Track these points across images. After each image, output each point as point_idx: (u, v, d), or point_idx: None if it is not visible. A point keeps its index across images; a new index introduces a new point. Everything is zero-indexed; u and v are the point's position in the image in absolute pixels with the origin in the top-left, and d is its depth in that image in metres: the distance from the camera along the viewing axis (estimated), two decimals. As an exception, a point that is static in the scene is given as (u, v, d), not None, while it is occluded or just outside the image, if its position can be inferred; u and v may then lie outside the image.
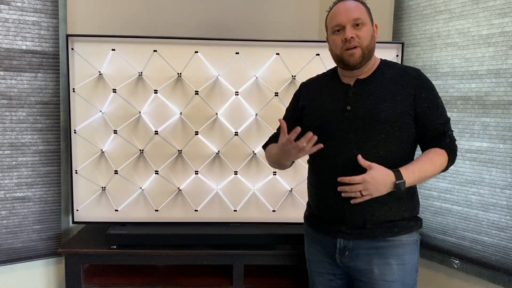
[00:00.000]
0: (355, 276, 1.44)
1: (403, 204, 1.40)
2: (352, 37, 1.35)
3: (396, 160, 1.35)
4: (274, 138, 1.64)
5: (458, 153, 1.42)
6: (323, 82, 1.54)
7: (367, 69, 1.43)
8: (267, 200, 2.11)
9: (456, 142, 1.42)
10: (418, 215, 1.47)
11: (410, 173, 1.31)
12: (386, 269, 1.38)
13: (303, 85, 1.61)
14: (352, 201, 1.33)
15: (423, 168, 1.34)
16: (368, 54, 1.38)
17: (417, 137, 1.42)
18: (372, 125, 1.36)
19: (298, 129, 1.30)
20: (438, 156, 1.36)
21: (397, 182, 1.29)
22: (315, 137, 1.30)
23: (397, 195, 1.37)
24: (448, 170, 1.90)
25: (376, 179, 1.28)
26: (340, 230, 1.42)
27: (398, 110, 1.36)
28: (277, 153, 1.44)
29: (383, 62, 1.47)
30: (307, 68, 2.03)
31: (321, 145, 1.34)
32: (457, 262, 1.89)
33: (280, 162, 1.50)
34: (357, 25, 1.36)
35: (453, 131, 1.42)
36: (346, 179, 1.30)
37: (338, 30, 1.38)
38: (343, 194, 1.33)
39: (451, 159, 1.39)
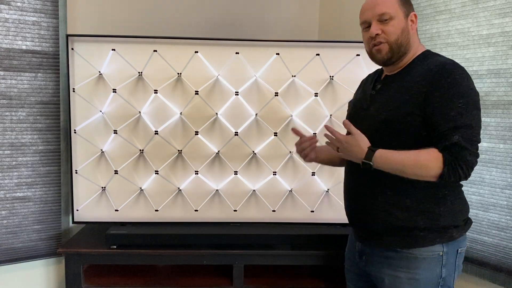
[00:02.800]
0: (373, 281, 1.43)
1: (418, 212, 1.28)
2: (377, 34, 1.28)
3: None
4: None
5: None
6: (371, 76, 1.52)
7: (403, 63, 1.34)
8: (267, 200, 2.11)
9: None
10: (453, 225, 1.29)
11: (383, 159, 1.22)
12: (396, 282, 1.32)
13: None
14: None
15: (402, 161, 1.21)
16: (398, 49, 1.30)
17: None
18: (377, 125, 1.32)
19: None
20: (428, 156, 1.19)
21: (363, 160, 1.24)
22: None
23: (405, 203, 1.28)
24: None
25: (351, 146, 1.27)
26: (357, 232, 1.43)
27: (402, 111, 1.25)
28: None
29: (422, 55, 1.33)
30: (307, 68, 2.03)
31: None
32: (457, 262, 1.88)
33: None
34: (385, 20, 1.28)
35: (472, 140, 1.19)
36: (331, 129, 1.31)
37: (367, 27, 1.33)
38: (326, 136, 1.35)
39: (448, 167, 1.18)
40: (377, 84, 1.41)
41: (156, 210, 2.09)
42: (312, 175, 2.09)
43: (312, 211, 2.11)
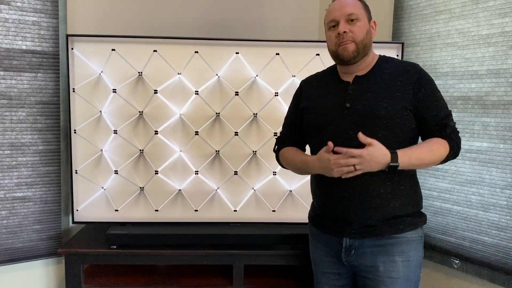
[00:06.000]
0: (360, 273, 1.46)
1: (407, 199, 1.41)
2: (345, 32, 1.36)
3: None
4: (284, 141, 1.64)
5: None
6: (323, 80, 1.54)
7: (365, 65, 1.44)
8: (267, 200, 2.11)
9: None
10: (422, 210, 1.48)
11: (406, 158, 1.29)
12: (392, 266, 1.39)
13: (303, 83, 1.61)
14: (343, 176, 1.30)
15: (420, 156, 1.32)
16: (363, 49, 1.39)
17: (418, 133, 1.43)
18: (372, 122, 1.36)
19: (331, 146, 1.31)
20: (438, 145, 1.35)
21: (390, 164, 1.28)
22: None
23: (400, 191, 1.39)
24: (448, 170, 1.92)
25: (373, 157, 1.26)
26: (346, 229, 1.42)
27: (398, 106, 1.36)
28: (312, 167, 1.42)
29: (382, 58, 1.47)
30: (307, 68, 2.03)
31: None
32: (457, 262, 1.89)
33: (308, 173, 1.53)
34: (352, 20, 1.36)
35: (455, 123, 1.42)
36: (343, 150, 1.27)
37: (334, 26, 1.40)
38: (334, 168, 1.29)
39: (453, 150, 1.37)
40: (347, 83, 1.44)
41: (156, 210, 2.09)
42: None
43: (312, 211, 2.11)
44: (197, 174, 2.08)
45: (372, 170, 1.30)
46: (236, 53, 2.03)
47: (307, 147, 1.62)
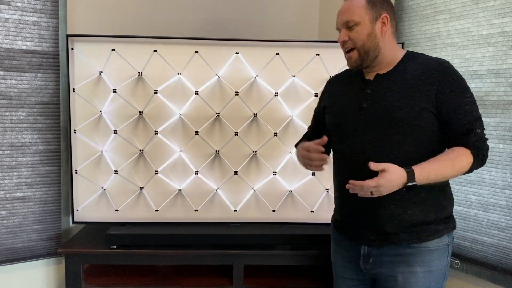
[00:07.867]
0: (379, 282, 1.42)
1: (430, 205, 1.33)
2: (344, 41, 1.34)
3: (412, 162, 1.24)
4: (306, 137, 1.64)
5: None
6: (347, 78, 1.48)
7: (386, 63, 1.36)
8: (267, 200, 2.11)
9: None
10: (452, 215, 1.39)
11: (424, 174, 1.22)
12: (411, 277, 1.33)
13: (328, 82, 1.59)
14: (360, 194, 1.23)
15: (440, 170, 1.24)
16: (366, 53, 1.33)
17: (442, 137, 1.32)
18: (387, 124, 1.30)
19: (325, 140, 1.34)
20: (460, 156, 1.26)
21: (408, 184, 1.20)
22: (325, 157, 1.36)
23: (420, 197, 1.31)
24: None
25: (390, 181, 1.19)
26: (364, 236, 1.38)
27: (417, 108, 1.27)
28: (297, 155, 1.50)
29: (408, 55, 1.38)
30: (307, 68, 2.03)
31: (323, 168, 1.38)
32: (457, 262, 1.89)
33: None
34: (349, 27, 1.32)
35: (484, 129, 1.30)
36: (358, 183, 1.20)
37: (340, 32, 1.38)
38: (350, 191, 1.24)
39: (477, 160, 1.27)
40: (368, 82, 1.38)
41: (156, 210, 2.09)
42: (312, 175, 2.09)
43: (312, 211, 2.11)
44: (197, 174, 2.08)
45: (390, 192, 1.21)
46: (236, 53, 2.03)
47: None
